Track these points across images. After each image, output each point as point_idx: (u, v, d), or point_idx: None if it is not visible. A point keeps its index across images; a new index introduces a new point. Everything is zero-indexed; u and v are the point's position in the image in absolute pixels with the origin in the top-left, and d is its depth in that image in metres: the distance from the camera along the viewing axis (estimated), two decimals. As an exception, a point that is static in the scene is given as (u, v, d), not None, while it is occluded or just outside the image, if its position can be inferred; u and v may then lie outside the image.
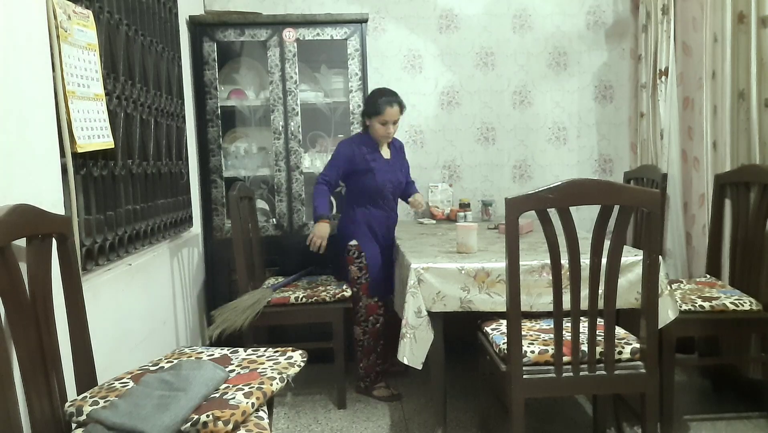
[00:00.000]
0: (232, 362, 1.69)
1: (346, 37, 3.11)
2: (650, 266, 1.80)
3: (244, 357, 1.73)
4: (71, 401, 1.44)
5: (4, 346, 1.23)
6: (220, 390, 1.48)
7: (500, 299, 2.13)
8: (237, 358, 1.72)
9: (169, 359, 1.72)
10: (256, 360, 1.70)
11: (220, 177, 3.14)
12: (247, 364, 1.67)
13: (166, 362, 1.67)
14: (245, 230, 2.75)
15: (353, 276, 2.78)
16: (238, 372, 1.61)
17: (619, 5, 3.60)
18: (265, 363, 1.67)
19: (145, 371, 1.60)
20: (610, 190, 1.75)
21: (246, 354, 1.75)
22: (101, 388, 1.51)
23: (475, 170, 3.65)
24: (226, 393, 1.46)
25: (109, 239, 1.92)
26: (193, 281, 2.94)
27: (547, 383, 1.83)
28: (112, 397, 1.43)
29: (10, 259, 1.29)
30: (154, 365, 1.67)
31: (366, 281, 2.76)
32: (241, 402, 1.41)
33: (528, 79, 3.62)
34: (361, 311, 2.77)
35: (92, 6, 1.86)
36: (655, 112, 3.15)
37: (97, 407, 1.39)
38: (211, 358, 1.72)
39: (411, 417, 2.58)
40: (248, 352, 1.77)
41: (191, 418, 1.34)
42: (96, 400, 1.43)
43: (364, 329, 2.77)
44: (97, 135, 1.80)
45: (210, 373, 1.49)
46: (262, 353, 1.76)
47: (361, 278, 2.76)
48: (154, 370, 1.61)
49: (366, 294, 2.76)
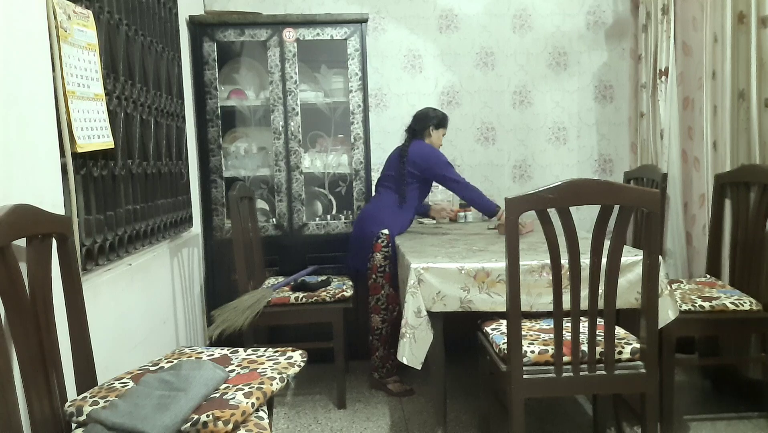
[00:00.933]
0: (232, 362, 1.69)
1: (346, 37, 3.11)
2: (650, 266, 1.80)
3: (244, 357, 1.73)
4: (71, 401, 1.44)
5: (4, 346, 1.23)
6: (220, 390, 1.48)
7: (500, 299, 2.13)
8: (237, 358, 1.72)
9: (169, 359, 1.72)
10: (256, 360, 1.70)
11: (220, 177, 3.14)
12: (247, 364, 1.67)
13: (166, 362, 1.67)
14: (245, 229, 2.75)
15: (376, 263, 2.81)
16: (238, 372, 1.61)
17: (619, 5, 3.60)
18: (264, 363, 1.67)
19: (145, 371, 1.60)
20: (610, 190, 1.75)
21: (246, 354, 1.75)
22: (101, 388, 1.51)
23: (475, 170, 3.65)
24: (227, 393, 1.46)
25: (109, 239, 1.92)
26: (193, 281, 2.94)
27: (547, 383, 1.82)
28: (112, 397, 1.43)
29: (10, 259, 1.29)
30: (154, 365, 1.67)
31: (389, 270, 2.80)
32: (242, 402, 1.41)
33: (528, 79, 3.62)
34: (382, 300, 2.81)
35: (92, 6, 1.86)
36: (655, 112, 3.15)
37: (97, 407, 1.39)
38: (211, 358, 1.72)
39: (411, 417, 2.58)
40: (248, 352, 1.77)
41: (191, 418, 1.34)
42: (96, 400, 1.43)
43: (383, 317, 2.81)
44: (97, 135, 1.80)
45: (210, 373, 1.49)
46: (262, 353, 1.76)
47: (385, 267, 2.80)
48: (154, 370, 1.61)
49: (389, 283, 2.80)
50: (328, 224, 3.21)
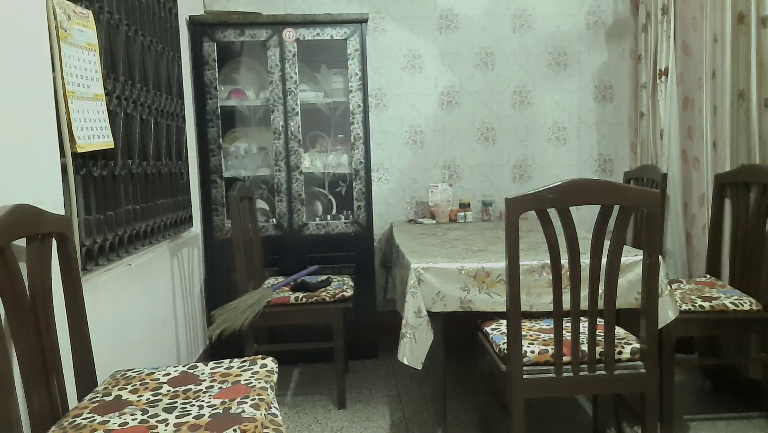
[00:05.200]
0: (202, 378, 1.59)
1: (346, 37, 3.11)
2: (650, 266, 1.80)
3: (211, 372, 1.63)
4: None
5: (4, 346, 1.23)
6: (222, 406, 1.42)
7: (500, 299, 2.13)
8: (204, 373, 1.62)
9: (107, 385, 1.57)
10: (230, 373, 1.61)
11: (220, 177, 3.14)
12: (221, 378, 1.58)
13: (102, 391, 1.53)
14: (245, 229, 2.75)
15: None
16: (220, 387, 1.53)
17: (619, 5, 3.60)
18: (242, 375, 1.60)
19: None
20: (610, 190, 1.75)
21: (211, 369, 1.65)
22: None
23: (475, 170, 3.65)
24: (230, 408, 1.39)
25: (109, 239, 1.92)
26: (193, 281, 2.94)
27: (547, 383, 1.83)
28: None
29: (10, 259, 1.29)
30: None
31: None
32: (255, 414, 1.37)
33: (528, 79, 3.62)
34: None
35: (92, 6, 1.86)
36: (655, 112, 3.15)
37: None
38: (169, 378, 1.59)
39: (411, 417, 2.58)
40: (211, 366, 1.67)
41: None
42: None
43: None
44: (97, 135, 1.80)
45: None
46: (229, 365, 1.67)
47: None
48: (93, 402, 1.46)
49: None
50: (328, 224, 3.21)
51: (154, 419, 1.34)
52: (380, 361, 3.24)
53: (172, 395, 1.49)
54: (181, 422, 1.33)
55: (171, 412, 1.38)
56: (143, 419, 1.34)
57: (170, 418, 1.35)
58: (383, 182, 3.61)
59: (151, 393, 1.50)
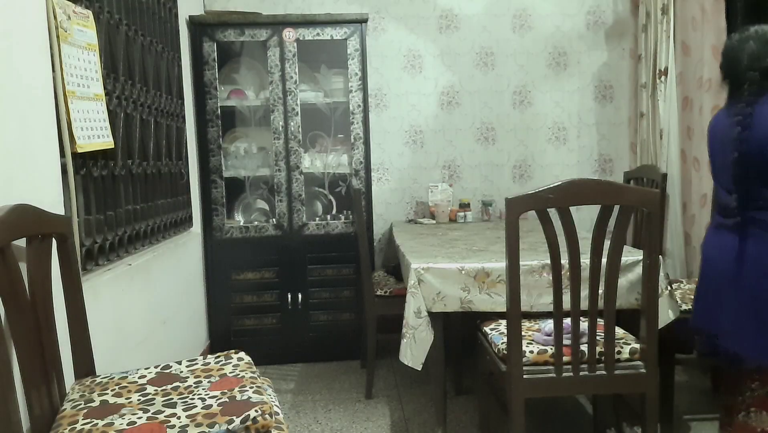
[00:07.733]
0: (183, 375, 1.54)
1: (346, 37, 3.11)
2: (650, 266, 1.80)
3: (190, 369, 1.58)
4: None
5: (4, 346, 1.23)
6: (223, 396, 1.41)
7: (500, 299, 2.13)
8: (183, 371, 1.57)
9: (82, 393, 1.47)
10: (211, 368, 1.58)
11: (220, 177, 3.14)
12: (204, 374, 1.54)
13: (79, 397, 1.44)
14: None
15: None
16: (210, 381, 1.50)
17: (619, 5, 3.60)
18: (224, 368, 1.57)
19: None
20: (610, 190, 1.75)
21: (188, 367, 1.60)
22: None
23: (475, 170, 3.65)
24: (234, 397, 1.39)
25: (109, 239, 1.92)
26: (193, 281, 2.94)
27: (547, 383, 1.83)
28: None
29: (10, 259, 1.29)
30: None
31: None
32: (261, 398, 1.36)
33: (528, 79, 3.62)
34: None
35: (92, 6, 1.86)
36: (654, 112, 3.15)
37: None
38: (147, 379, 1.52)
39: (411, 417, 2.58)
40: (186, 364, 1.63)
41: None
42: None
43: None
44: (97, 135, 1.80)
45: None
46: (206, 361, 1.63)
47: None
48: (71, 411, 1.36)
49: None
50: (328, 224, 3.21)
51: (162, 415, 1.31)
52: (380, 361, 3.23)
53: (162, 393, 1.44)
54: (192, 413, 1.31)
55: (174, 407, 1.36)
56: (150, 416, 1.32)
57: (177, 411, 1.33)
58: (383, 182, 3.61)
59: (139, 394, 1.44)
